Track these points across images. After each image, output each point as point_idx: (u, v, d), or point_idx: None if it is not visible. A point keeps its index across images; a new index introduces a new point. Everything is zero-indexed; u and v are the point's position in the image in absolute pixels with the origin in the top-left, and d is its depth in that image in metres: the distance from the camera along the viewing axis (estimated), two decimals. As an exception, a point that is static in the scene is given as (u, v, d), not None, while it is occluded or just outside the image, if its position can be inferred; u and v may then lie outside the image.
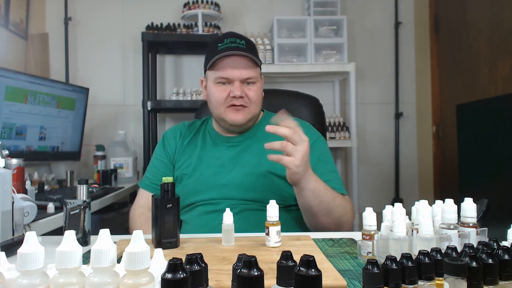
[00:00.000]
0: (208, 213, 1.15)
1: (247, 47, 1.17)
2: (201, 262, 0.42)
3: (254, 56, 1.17)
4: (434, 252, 0.51)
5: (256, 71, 1.20)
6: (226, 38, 1.18)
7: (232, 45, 1.16)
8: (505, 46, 1.98)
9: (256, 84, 1.20)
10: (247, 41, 1.20)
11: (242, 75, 1.16)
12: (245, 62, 1.17)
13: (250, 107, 1.19)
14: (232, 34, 1.21)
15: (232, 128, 1.22)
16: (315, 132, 1.27)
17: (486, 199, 1.25)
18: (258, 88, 1.21)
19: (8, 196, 0.84)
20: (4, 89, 1.70)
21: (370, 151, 2.82)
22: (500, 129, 1.58)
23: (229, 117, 1.18)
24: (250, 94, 1.18)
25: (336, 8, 2.60)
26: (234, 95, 1.15)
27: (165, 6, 2.71)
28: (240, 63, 1.16)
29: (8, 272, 0.49)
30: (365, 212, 0.80)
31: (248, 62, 1.17)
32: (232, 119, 1.18)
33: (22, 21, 2.28)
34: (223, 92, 1.17)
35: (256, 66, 1.20)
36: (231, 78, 1.16)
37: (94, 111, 2.58)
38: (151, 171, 1.29)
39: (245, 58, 1.17)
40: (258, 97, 1.21)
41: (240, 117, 1.18)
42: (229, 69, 1.16)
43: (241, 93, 1.16)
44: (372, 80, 2.83)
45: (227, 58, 1.16)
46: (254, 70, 1.19)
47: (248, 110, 1.19)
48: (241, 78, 1.16)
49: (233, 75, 1.16)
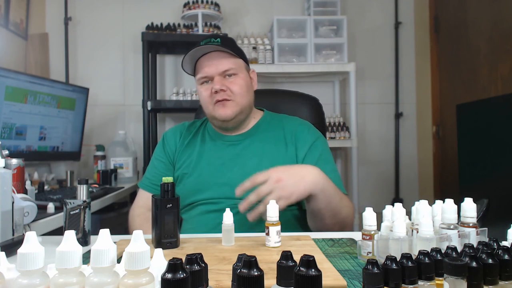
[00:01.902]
0: (209, 212, 1.15)
1: (222, 42, 1.18)
2: (201, 262, 0.42)
3: (228, 49, 1.17)
4: (434, 252, 0.50)
5: (235, 62, 1.19)
6: (202, 41, 1.19)
7: (205, 45, 1.17)
8: (505, 46, 1.98)
9: (238, 75, 1.19)
10: (223, 38, 1.21)
11: (219, 69, 1.17)
12: (220, 55, 1.18)
13: (235, 100, 1.18)
14: (208, 35, 1.24)
15: (224, 124, 1.22)
16: (316, 132, 1.27)
17: (486, 199, 1.25)
18: (241, 80, 1.20)
19: (8, 196, 0.84)
20: (4, 89, 1.70)
21: (370, 151, 2.82)
22: (500, 129, 1.58)
23: (217, 113, 1.18)
24: (232, 86, 1.18)
25: (336, 8, 2.60)
26: (215, 89, 1.16)
27: (165, 6, 2.71)
28: (215, 58, 1.18)
29: (8, 272, 0.49)
30: (365, 212, 0.80)
31: (223, 55, 1.18)
32: (221, 114, 1.18)
33: (22, 21, 2.28)
34: (207, 91, 1.19)
35: (236, 57, 1.20)
36: (209, 74, 1.17)
37: (94, 111, 2.58)
38: (151, 171, 1.29)
39: (220, 53, 1.18)
40: (242, 88, 1.19)
41: (228, 111, 1.18)
42: (206, 67, 1.18)
43: (221, 86, 1.16)
44: (372, 80, 2.83)
45: (202, 58, 1.19)
46: (231, 61, 1.19)
47: (234, 103, 1.18)
48: (218, 72, 1.17)
49: (209, 71, 1.17)
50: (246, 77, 1.23)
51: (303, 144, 1.20)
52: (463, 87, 2.36)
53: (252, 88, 1.26)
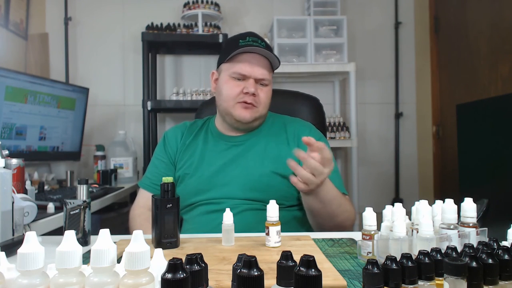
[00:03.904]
0: (210, 212, 1.15)
1: (267, 48, 1.19)
2: (201, 262, 0.42)
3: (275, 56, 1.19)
4: (434, 252, 0.50)
5: (270, 74, 1.23)
6: (248, 36, 1.20)
7: (253, 44, 1.17)
8: (505, 46, 1.98)
9: (268, 86, 1.22)
10: (267, 43, 1.22)
11: (258, 74, 1.18)
12: (263, 62, 1.19)
13: (259, 108, 1.20)
14: (254, 34, 1.23)
15: (237, 124, 1.22)
16: (317, 133, 1.28)
17: (486, 199, 1.25)
18: (269, 91, 1.23)
19: (8, 196, 0.84)
20: (4, 89, 1.70)
21: (370, 151, 2.82)
22: (500, 129, 1.58)
23: (237, 113, 1.19)
24: (262, 94, 1.20)
25: (336, 8, 2.60)
26: (248, 91, 1.16)
27: (165, 6, 2.71)
28: (259, 62, 1.18)
29: (8, 272, 0.49)
30: (365, 212, 0.80)
31: (266, 63, 1.20)
32: (240, 115, 1.18)
33: (22, 21, 2.28)
34: (237, 88, 1.18)
35: (271, 70, 1.23)
36: (247, 75, 1.17)
37: (94, 111, 2.58)
38: (151, 171, 1.28)
39: (264, 59, 1.19)
40: (268, 99, 1.23)
41: (247, 115, 1.18)
42: (248, 65, 1.17)
43: (255, 91, 1.17)
44: (372, 80, 2.83)
45: (246, 54, 1.18)
46: (269, 73, 1.21)
47: (256, 110, 1.20)
48: (257, 76, 1.18)
49: (250, 72, 1.17)
50: (271, 89, 1.26)
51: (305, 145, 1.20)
52: (463, 87, 2.36)
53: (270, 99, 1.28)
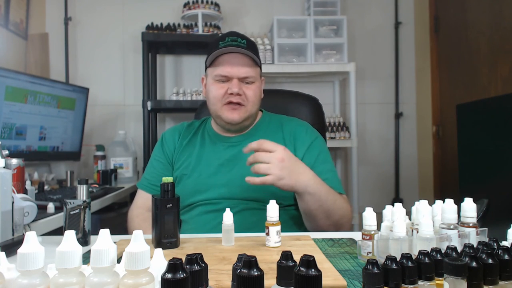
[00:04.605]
0: (208, 212, 1.15)
1: (248, 46, 1.18)
2: (201, 262, 0.42)
3: (254, 54, 1.17)
4: (434, 252, 0.50)
5: (255, 71, 1.20)
6: (227, 37, 1.19)
7: (233, 43, 1.16)
8: (505, 46, 1.98)
9: (254, 83, 1.20)
10: (248, 40, 1.20)
11: (240, 73, 1.16)
12: (244, 60, 1.17)
13: (247, 106, 1.19)
14: (234, 33, 1.22)
15: (228, 126, 1.22)
16: (314, 132, 1.27)
17: (486, 199, 1.25)
18: (256, 88, 1.21)
19: (8, 196, 0.84)
20: (4, 89, 1.70)
21: (370, 151, 2.82)
22: (500, 129, 1.58)
23: (225, 115, 1.18)
24: (248, 92, 1.18)
25: (336, 8, 2.60)
26: (232, 91, 1.16)
27: (165, 6, 2.71)
28: (240, 61, 1.17)
29: (8, 272, 0.49)
30: (365, 212, 0.80)
31: (247, 61, 1.18)
32: (229, 117, 1.18)
33: (22, 21, 2.28)
34: (221, 89, 1.18)
35: (256, 66, 1.21)
36: (229, 75, 1.16)
37: (94, 111, 2.58)
38: (149, 172, 1.28)
39: (245, 57, 1.17)
40: (256, 96, 1.21)
41: (236, 116, 1.18)
42: (228, 66, 1.16)
43: (239, 90, 1.16)
44: (372, 80, 2.83)
45: (226, 55, 1.17)
46: (253, 70, 1.19)
47: (244, 109, 1.19)
48: (239, 75, 1.16)
49: (231, 72, 1.16)
50: (260, 85, 1.24)
51: (302, 144, 1.21)
52: (463, 87, 2.36)
53: (261, 96, 1.27)
